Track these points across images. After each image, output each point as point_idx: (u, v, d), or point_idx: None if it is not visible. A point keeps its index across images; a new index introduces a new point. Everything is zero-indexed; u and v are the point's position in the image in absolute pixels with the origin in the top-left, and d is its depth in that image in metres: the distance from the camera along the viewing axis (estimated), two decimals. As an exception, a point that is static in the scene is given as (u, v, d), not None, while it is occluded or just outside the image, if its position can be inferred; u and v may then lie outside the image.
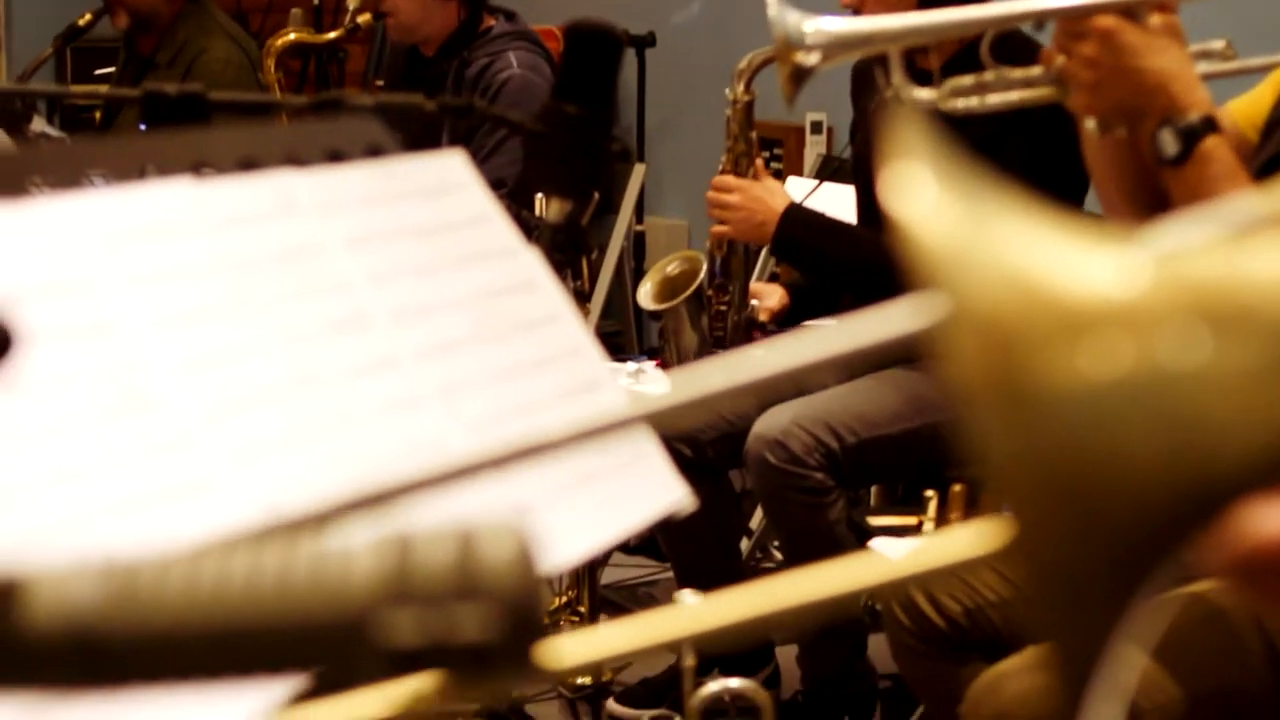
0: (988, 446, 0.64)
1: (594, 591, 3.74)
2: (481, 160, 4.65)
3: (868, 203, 3.73)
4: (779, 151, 5.97)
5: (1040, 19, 2.21)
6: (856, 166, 3.81)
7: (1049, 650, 0.66)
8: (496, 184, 4.46)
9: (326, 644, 0.72)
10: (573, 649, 0.77)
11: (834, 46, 2.19)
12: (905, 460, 3.57)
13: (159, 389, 1.36)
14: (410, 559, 0.72)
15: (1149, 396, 0.64)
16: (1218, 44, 2.26)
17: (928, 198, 0.68)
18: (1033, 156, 3.27)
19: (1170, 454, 0.64)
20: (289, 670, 0.73)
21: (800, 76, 2.19)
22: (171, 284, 1.43)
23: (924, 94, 2.25)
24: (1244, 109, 2.34)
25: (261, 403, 1.41)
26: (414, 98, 1.89)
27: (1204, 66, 2.18)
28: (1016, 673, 2.18)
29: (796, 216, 3.63)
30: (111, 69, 5.32)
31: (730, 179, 3.68)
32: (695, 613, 0.78)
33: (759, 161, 3.72)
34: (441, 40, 4.78)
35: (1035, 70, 2.19)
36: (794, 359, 0.75)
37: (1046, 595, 0.66)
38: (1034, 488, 0.64)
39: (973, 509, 3.33)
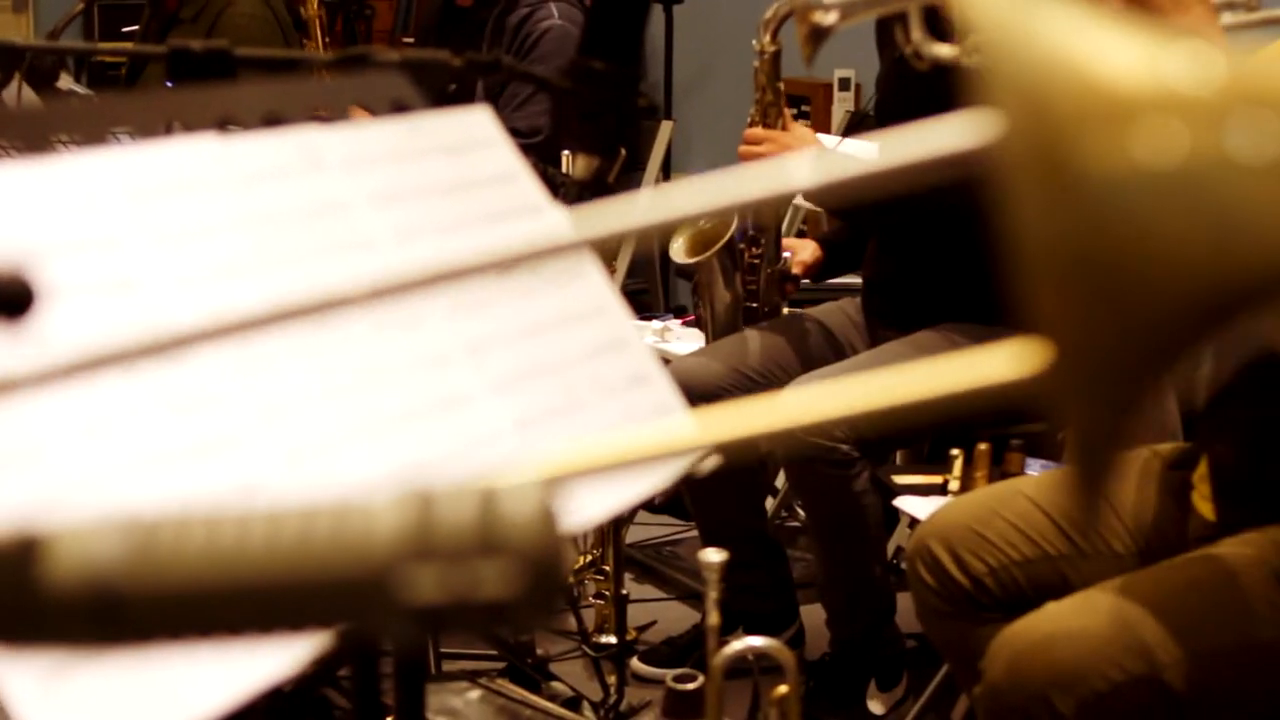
0: (1027, 222, 0.64)
1: (618, 550, 3.73)
2: (516, 107, 4.63)
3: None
4: (806, 109, 5.95)
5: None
6: (880, 115, 3.79)
7: (1070, 432, 0.66)
8: (531, 132, 4.45)
9: (348, 600, 0.72)
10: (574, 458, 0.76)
11: (852, 5, 2.17)
12: (930, 428, 3.55)
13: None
14: (432, 515, 0.72)
15: (1197, 186, 0.64)
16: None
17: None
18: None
19: (1212, 245, 0.64)
20: (311, 627, 0.73)
21: (818, 36, 2.17)
22: (197, 241, 1.43)
23: (944, 50, 2.23)
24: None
25: (287, 360, 1.41)
26: (440, 53, 1.89)
27: (1228, 18, 2.16)
28: (1035, 626, 2.18)
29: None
30: (137, 26, 5.31)
31: (760, 131, 3.66)
32: (714, 422, 0.77)
33: (788, 112, 3.70)
34: None
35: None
36: (840, 171, 0.74)
37: (1072, 374, 0.65)
38: (1070, 265, 0.64)
39: (998, 466, 3.32)
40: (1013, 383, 0.72)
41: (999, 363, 0.72)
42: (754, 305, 3.81)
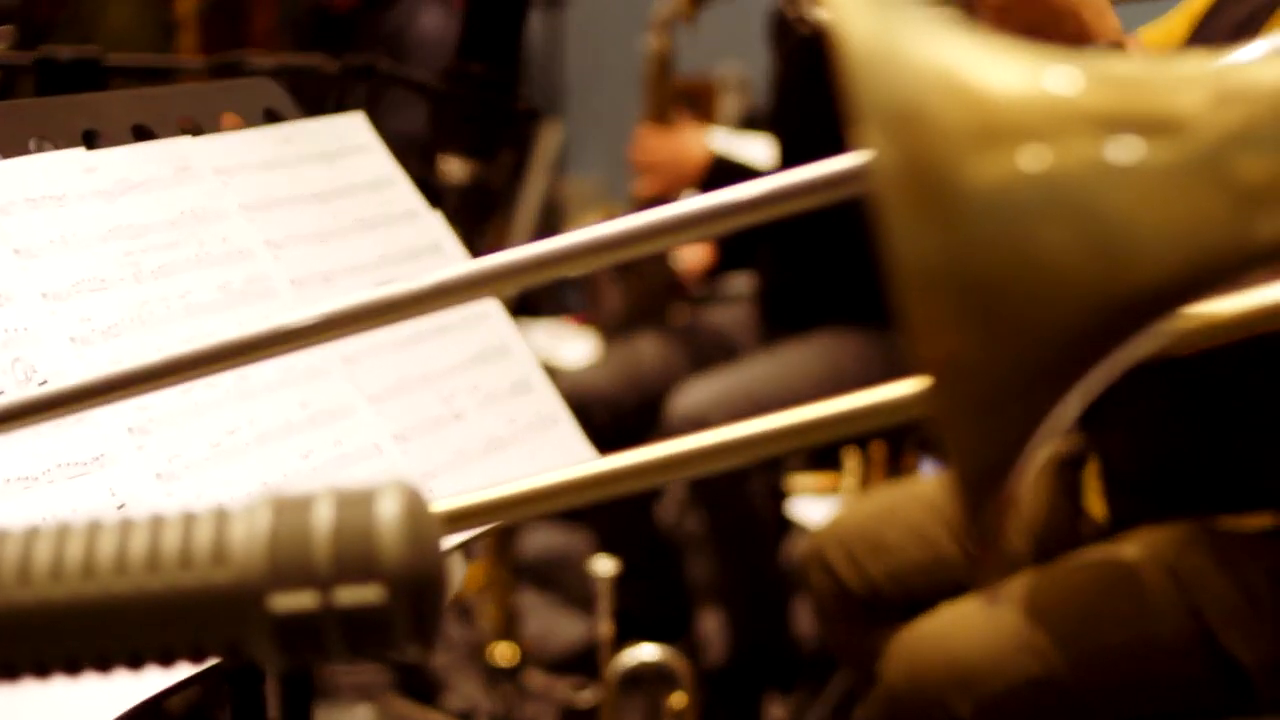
0: (904, 244, 0.62)
1: (510, 559, 3.71)
2: (397, 112, 4.57)
3: (791, 152, 3.67)
4: (695, 104, 5.94)
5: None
6: (777, 114, 3.76)
7: (953, 462, 0.63)
8: (412, 136, 4.39)
9: (210, 618, 0.69)
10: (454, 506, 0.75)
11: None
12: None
13: (52, 361, 1.32)
14: (299, 523, 0.69)
15: (1070, 194, 0.63)
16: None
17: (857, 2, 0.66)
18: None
19: (1098, 259, 0.62)
20: (177, 649, 0.70)
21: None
22: (63, 254, 1.39)
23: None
24: (1156, 37, 2.32)
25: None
26: (315, 58, 1.85)
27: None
28: (931, 628, 2.17)
29: (721, 168, 3.59)
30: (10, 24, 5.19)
31: (650, 132, 3.64)
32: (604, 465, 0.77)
33: (679, 110, 3.68)
34: None
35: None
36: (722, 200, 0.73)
37: (953, 402, 0.63)
38: (950, 288, 0.61)
39: (894, 465, 3.31)
40: (907, 400, 0.70)
41: (900, 386, 0.71)
42: (645, 305, 3.80)
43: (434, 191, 1.82)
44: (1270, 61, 0.66)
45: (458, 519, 0.85)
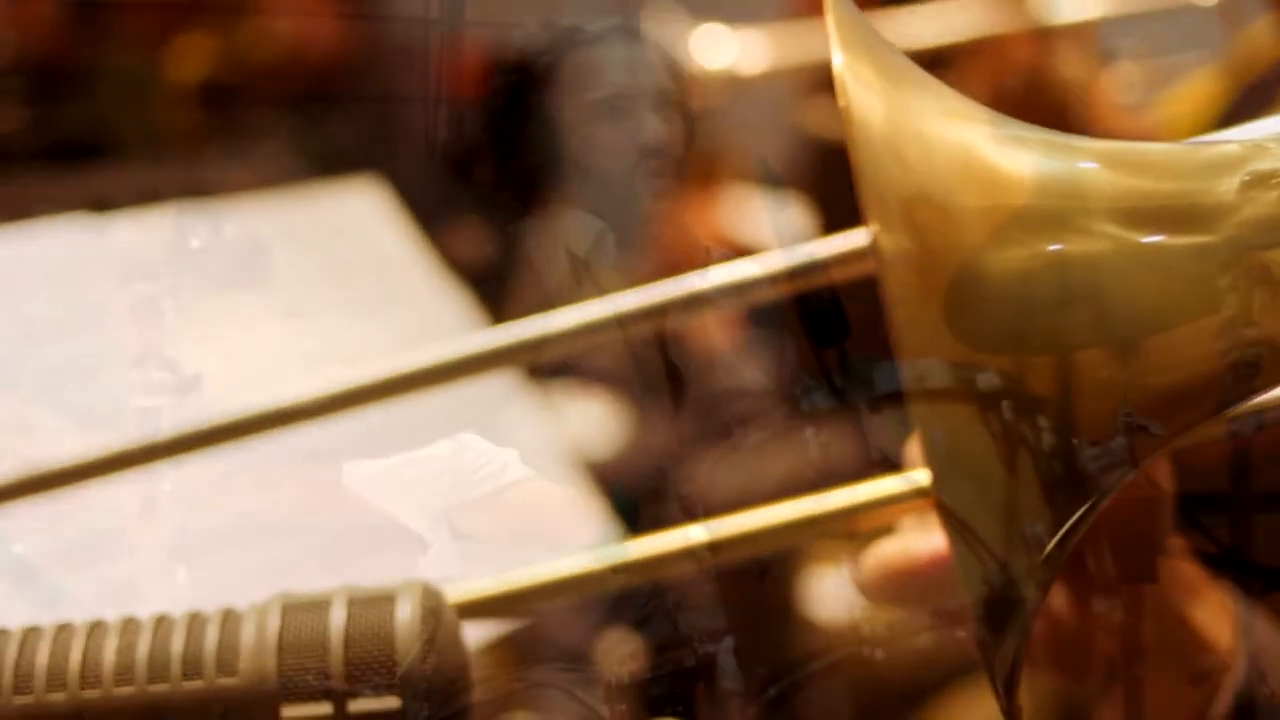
0: (914, 335, 0.58)
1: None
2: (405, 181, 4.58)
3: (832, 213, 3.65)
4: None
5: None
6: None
7: (964, 579, 0.59)
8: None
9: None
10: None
11: (738, 82, 2.12)
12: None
13: (49, 446, 1.28)
14: (311, 628, 0.65)
15: (1093, 284, 0.59)
16: (1128, 44, 2.24)
17: (869, 78, 0.62)
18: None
19: (1116, 347, 0.59)
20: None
21: (694, 118, 2.11)
22: (66, 335, 1.35)
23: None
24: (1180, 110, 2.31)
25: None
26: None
27: (1125, 66, 2.15)
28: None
29: (731, 250, 3.59)
30: None
31: (664, 217, 3.64)
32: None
33: (707, 178, 3.68)
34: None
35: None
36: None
37: (973, 508, 0.59)
38: (965, 381, 0.58)
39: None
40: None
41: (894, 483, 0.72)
42: (661, 376, 3.79)
43: (452, 266, 1.79)
44: None
45: (475, 608, 0.82)
